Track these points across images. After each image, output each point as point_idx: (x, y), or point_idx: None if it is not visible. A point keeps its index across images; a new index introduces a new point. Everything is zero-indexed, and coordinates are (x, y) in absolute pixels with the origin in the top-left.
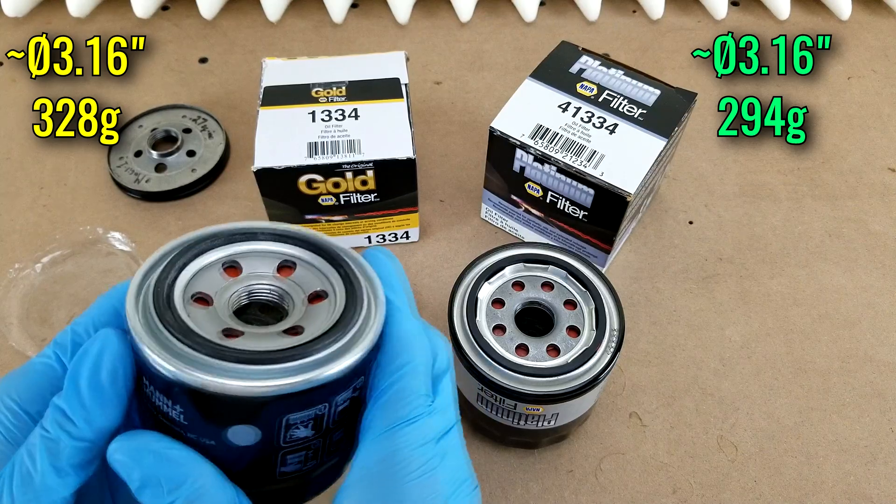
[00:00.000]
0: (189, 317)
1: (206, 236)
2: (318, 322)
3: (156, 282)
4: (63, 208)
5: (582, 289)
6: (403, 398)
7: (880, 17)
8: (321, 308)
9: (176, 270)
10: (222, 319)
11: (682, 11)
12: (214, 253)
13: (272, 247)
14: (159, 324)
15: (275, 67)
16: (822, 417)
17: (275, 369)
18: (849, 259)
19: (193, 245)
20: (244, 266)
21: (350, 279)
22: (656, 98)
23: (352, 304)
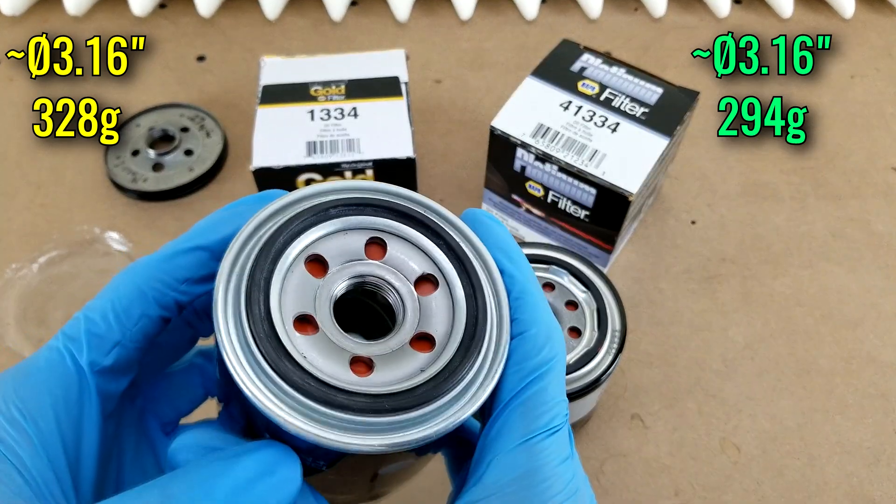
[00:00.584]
0: (303, 355)
1: (275, 229)
2: (440, 321)
3: (248, 311)
4: (60, 208)
5: (583, 289)
6: (544, 403)
7: (883, 15)
8: (436, 300)
9: (262, 290)
10: (336, 343)
11: (684, 9)
12: (293, 247)
13: (352, 220)
14: (276, 377)
15: (273, 66)
16: (826, 419)
17: (417, 417)
18: (852, 259)
19: (268, 245)
20: (328, 257)
21: (458, 255)
22: (658, 97)
23: (472, 295)
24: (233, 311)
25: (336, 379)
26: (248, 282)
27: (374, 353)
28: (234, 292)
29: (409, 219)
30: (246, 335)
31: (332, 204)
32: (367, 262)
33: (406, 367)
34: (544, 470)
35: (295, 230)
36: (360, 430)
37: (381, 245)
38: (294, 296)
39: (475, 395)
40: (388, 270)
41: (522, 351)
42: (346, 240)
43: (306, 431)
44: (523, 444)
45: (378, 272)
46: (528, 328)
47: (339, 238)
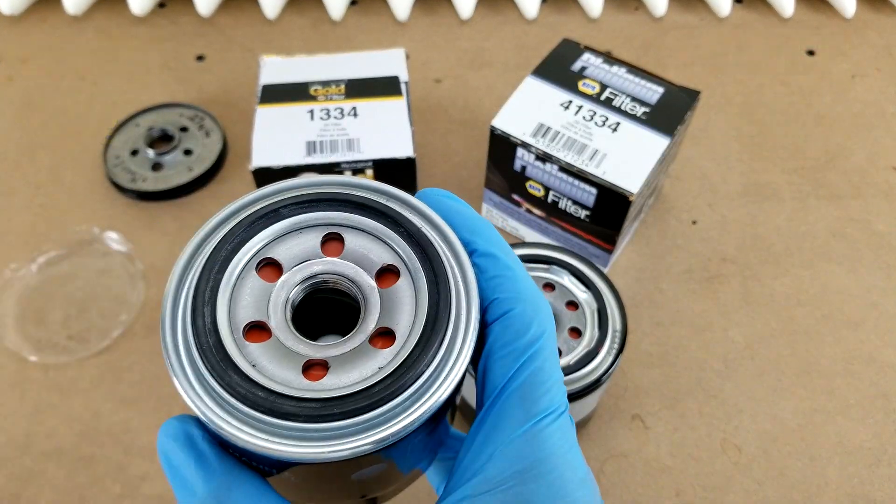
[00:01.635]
0: (253, 364)
1: (221, 237)
2: (403, 314)
3: (192, 324)
4: (59, 208)
5: (584, 289)
6: (542, 383)
7: (885, 14)
8: (399, 292)
9: (207, 301)
10: (290, 348)
11: (685, 9)
12: (243, 254)
13: (305, 217)
14: (221, 389)
15: (273, 65)
16: (827, 419)
17: (370, 419)
18: (853, 259)
19: (214, 254)
20: (281, 259)
21: (420, 242)
22: (659, 96)
23: (434, 282)
24: (180, 325)
25: (286, 386)
26: (194, 293)
27: (330, 355)
28: (182, 306)
29: (366, 209)
30: (191, 349)
31: (283, 203)
32: (323, 260)
33: (364, 368)
34: (553, 459)
35: (243, 236)
36: (307, 438)
37: (339, 240)
38: (248, 303)
39: (438, 389)
40: (347, 266)
41: (511, 331)
42: (300, 239)
43: (250, 443)
44: (527, 431)
45: (334, 269)
46: (512, 307)
47: (292, 239)
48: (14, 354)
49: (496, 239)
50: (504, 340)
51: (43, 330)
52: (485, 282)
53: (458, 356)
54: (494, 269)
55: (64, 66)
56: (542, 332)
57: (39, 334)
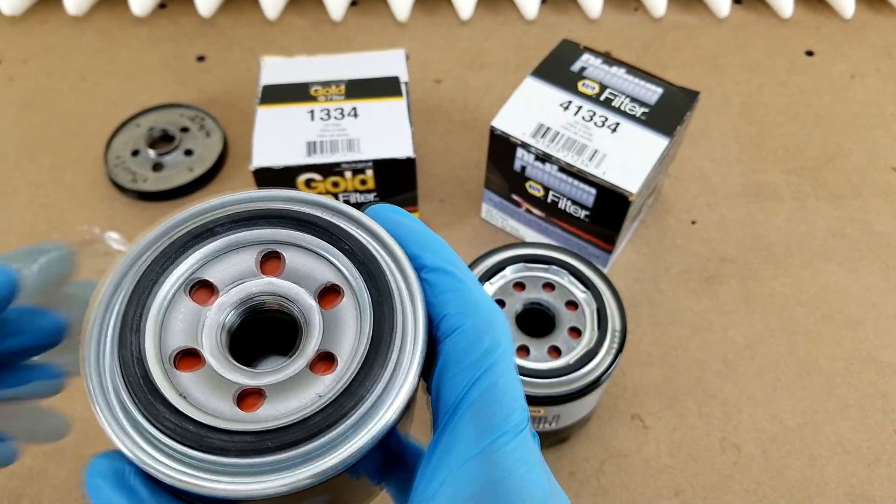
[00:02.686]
0: (183, 395)
1: (152, 259)
2: (346, 336)
3: (119, 354)
4: (59, 208)
5: (584, 289)
6: (496, 400)
7: (884, 15)
8: (341, 312)
9: (134, 329)
10: (223, 376)
11: (684, 9)
12: (175, 276)
13: (241, 236)
14: (147, 423)
15: (273, 66)
16: (826, 419)
17: (308, 452)
18: (852, 259)
19: (143, 278)
20: (215, 280)
21: (360, 258)
22: (658, 96)
23: (378, 301)
24: (107, 355)
25: (218, 418)
26: (122, 321)
27: (267, 383)
28: (108, 335)
29: (307, 225)
30: (117, 381)
31: (217, 221)
32: (260, 280)
33: (303, 395)
34: (509, 480)
35: (173, 257)
36: (241, 474)
37: (277, 258)
38: (179, 327)
39: (383, 415)
40: (286, 286)
41: (462, 347)
42: (236, 259)
43: (180, 481)
44: (481, 452)
45: (273, 289)
46: (462, 322)
47: (227, 259)
48: None
49: (447, 254)
50: (455, 357)
51: None
52: (434, 297)
53: (404, 379)
54: (444, 285)
55: (65, 66)
56: (497, 345)
57: None
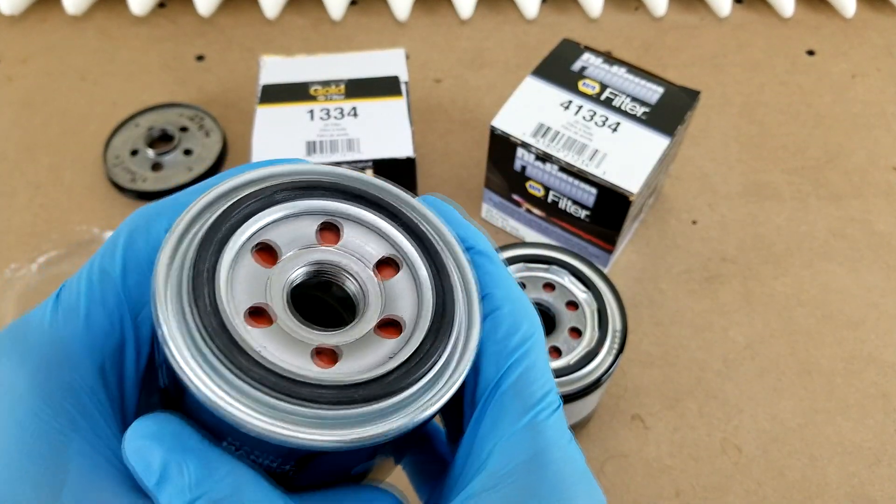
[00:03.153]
0: (262, 347)
1: (216, 216)
2: (405, 305)
3: (194, 304)
4: (59, 208)
5: (584, 289)
6: (536, 380)
7: (885, 14)
8: (398, 284)
9: (206, 282)
10: (296, 335)
11: (685, 9)
12: (238, 235)
13: (301, 204)
14: (231, 375)
15: (273, 65)
16: (827, 419)
17: (391, 406)
18: (853, 259)
19: (210, 233)
20: (278, 244)
21: (419, 236)
22: (659, 96)
23: (437, 276)
24: (175, 306)
25: (299, 372)
26: (192, 272)
27: (339, 343)
28: (176, 285)
29: (362, 200)
30: (192, 331)
31: (279, 187)
32: (321, 248)
33: (373, 355)
34: (553, 450)
35: (239, 217)
36: (330, 425)
37: (334, 230)
38: (244, 287)
39: (449, 379)
40: (346, 255)
41: (502, 329)
42: (297, 225)
43: (272, 431)
44: (526, 424)
45: (334, 258)
46: (501, 304)
47: (288, 224)
48: None
49: (485, 241)
50: (495, 337)
51: None
52: (477, 277)
53: (466, 348)
54: (485, 266)
55: (64, 65)
56: (534, 330)
57: None
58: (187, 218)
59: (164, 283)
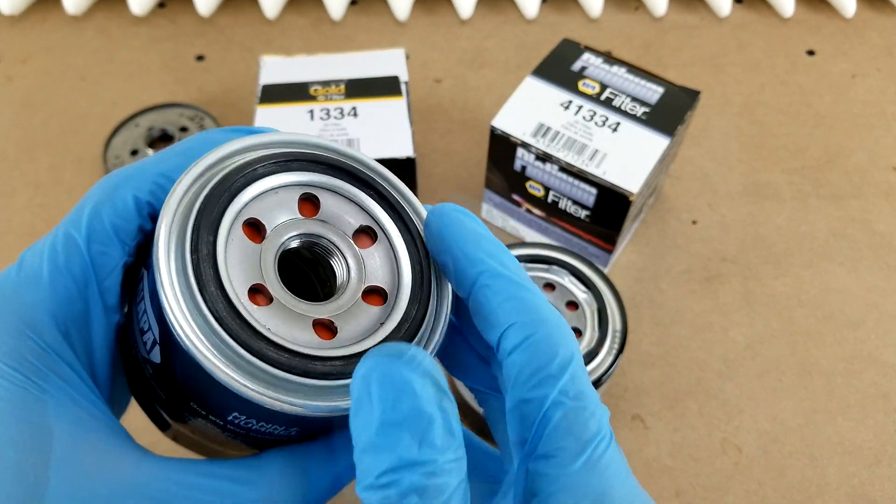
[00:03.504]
0: (267, 328)
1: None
2: (383, 273)
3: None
4: (59, 208)
5: (584, 290)
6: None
7: (885, 14)
8: (376, 252)
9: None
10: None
11: (685, 8)
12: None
13: (282, 178)
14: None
15: (273, 65)
16: (827, 419)
17: None
18: (853, 259)
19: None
20: (263, 220)
21: (392, 205)
22: (659, 96)
23: (412, 243)
24: (184, 291)
25: (309, 347)
26: (194, 257)
27: (333, 314)
28: (180, 268)
29: (339, 171)
30: (209, 321)
31: (260, 162)
32: (304, 220)
33: (365, 322)
34: (618, 488)
35: (228, 194)
36: (341, 394)
37: (314, 200)
38: (240, 266)
39: (436, 334)
40: (326, 227)
41: (539, 358)
42: (278, 199)
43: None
44: (586, 462)
45: (316, 230)
46: (534, 330)
47: (269, 198)
48: None
49: (508, 260)
50: (533, 367)
51: None
52: (497, 305)
53: (441, 307)
54: (507, 291)
55: (64, 65)
56: (572, 354)
57: None
58: (177, 195)
59: (165, 266)
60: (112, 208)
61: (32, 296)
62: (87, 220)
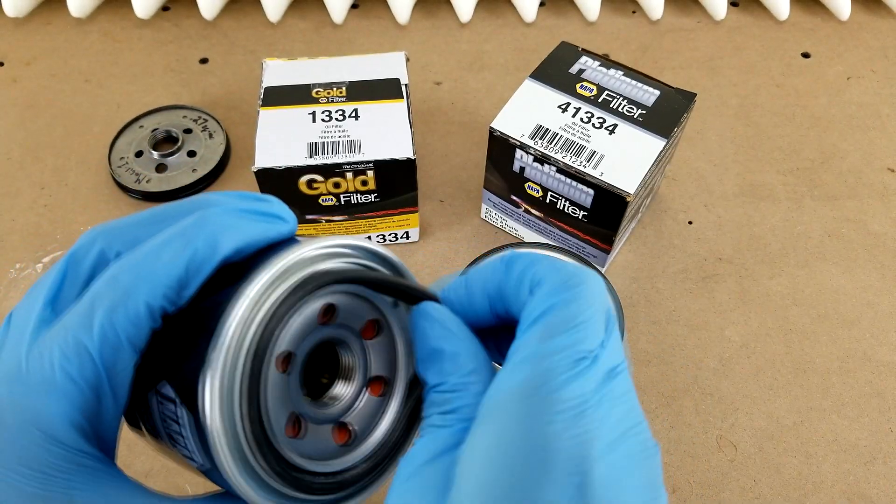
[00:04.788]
0: (300, 455)
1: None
2: (387, 361)
3: (249, 423)
4: (64, 208)
5: None
6: (563, 318)
7: (880, 17)
8: (381, 341)
9: (248, 403)
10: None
11: (681, 12)
12: (269, 360)
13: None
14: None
15: (275, 68)
16: (822, 417)
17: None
18: (848, 259)
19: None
20: (293, 348)
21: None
22: (656, 98)
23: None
24: (237, 453)
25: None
26: (248, 412)
27: (348, 419)
28: (231, 423)
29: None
30: (262, 477)
31: (299, 290)
32: (322, 328)
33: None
34: (553, 377)
35: (267, 335)
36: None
37: (333, 308)
38: (277, 401)
39: None
40: (341, 330)
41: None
42: (302, 317)
43: None
44: (532, 355)
45: (331, 335)
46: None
47: (296, 319)
48: None
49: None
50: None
51: None
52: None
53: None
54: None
55: (68, 68)
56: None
57: None
58: (224, 352)
59: (220, 425)
60: (125, 317)
61: (47, 402)
62: (99, 329)
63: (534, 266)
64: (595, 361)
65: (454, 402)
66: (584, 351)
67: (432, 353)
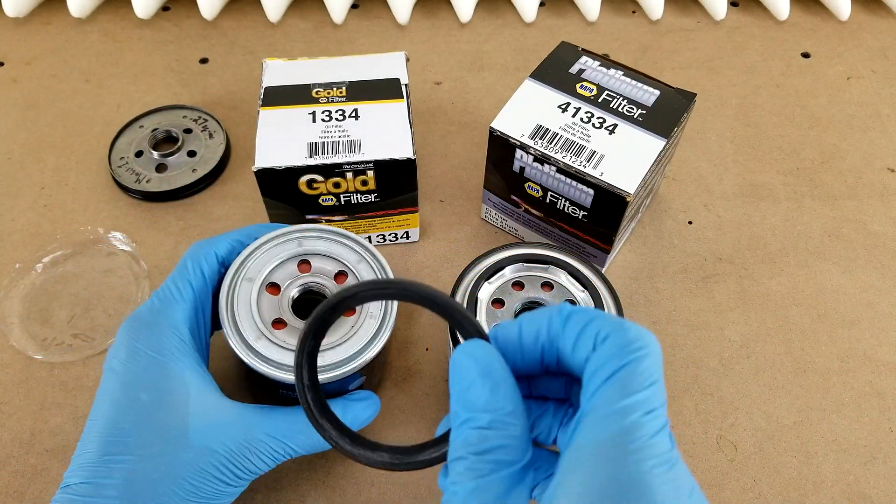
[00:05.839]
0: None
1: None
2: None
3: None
4: (64, 208)
5: (581, 289)
6: (638, 377)
7: (880, 17)
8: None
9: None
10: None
11: (681, 12)
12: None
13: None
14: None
15: (275, 68)
16: (822, 417)
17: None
18: (848, 259)
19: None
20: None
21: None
22: (656, 98)
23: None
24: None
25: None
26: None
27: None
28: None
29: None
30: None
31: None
32: (302, 275)
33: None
34: (640, 433)
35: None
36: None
37: (308, 263)
38: (267, 309)
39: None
40: (318, 276)
41: (616, 340)
42: (288, 266)
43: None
44: (616, 411)
45: (313, 279)
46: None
47: (283, 267)
48: (19, 353)
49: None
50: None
51: (48, 329)
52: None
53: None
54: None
55: (68, 68)
56: (646, 345)
57: (45, 333)
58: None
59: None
60: (205, 260)
61: (172, 310)
62: (191, 272)
63: (595, 322)
64: (659, 417)
65: (491, 440)
66: (654, 406)
67: (471, 387)
